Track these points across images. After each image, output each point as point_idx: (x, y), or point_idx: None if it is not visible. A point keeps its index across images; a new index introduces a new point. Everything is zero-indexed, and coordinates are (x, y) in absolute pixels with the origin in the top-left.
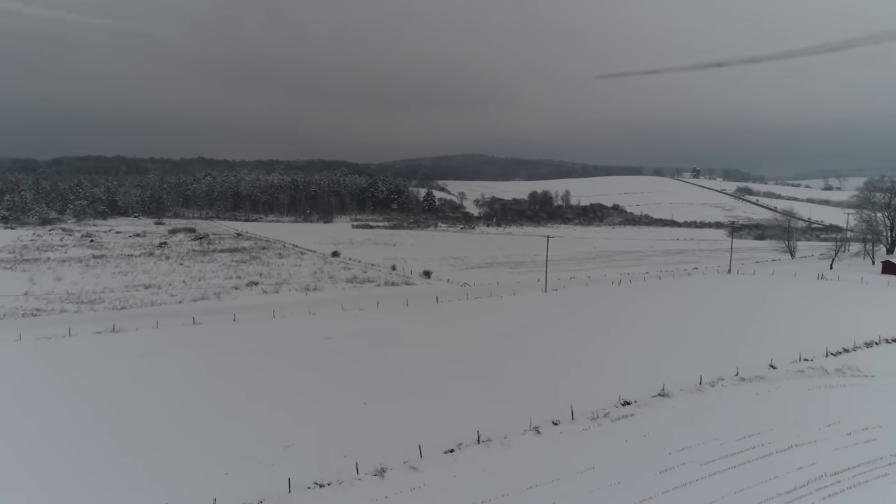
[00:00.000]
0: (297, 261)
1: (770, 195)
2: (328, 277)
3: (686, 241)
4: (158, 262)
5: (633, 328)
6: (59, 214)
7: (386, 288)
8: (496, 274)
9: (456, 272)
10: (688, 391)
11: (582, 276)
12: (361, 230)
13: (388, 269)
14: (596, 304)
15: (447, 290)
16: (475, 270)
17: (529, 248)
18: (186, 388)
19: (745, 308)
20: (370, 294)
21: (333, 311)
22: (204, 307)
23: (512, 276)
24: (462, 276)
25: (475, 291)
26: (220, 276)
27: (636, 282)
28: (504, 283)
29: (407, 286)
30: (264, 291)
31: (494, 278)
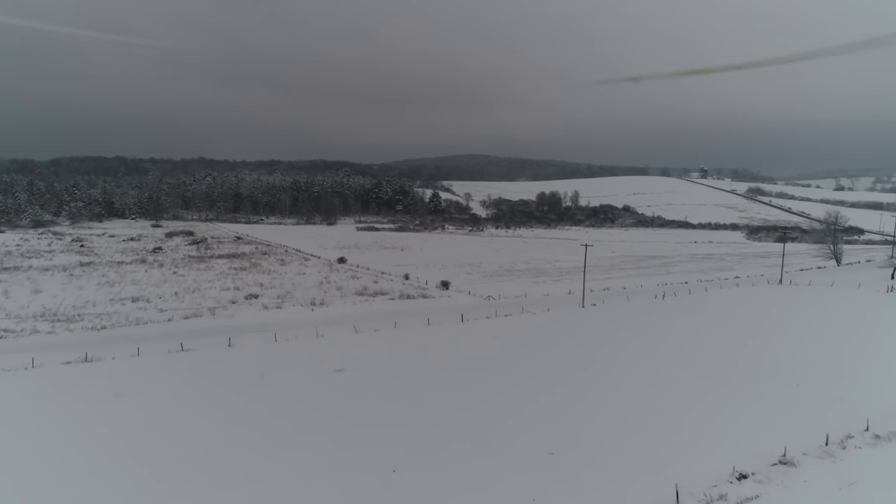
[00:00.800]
0: (301, 268)
1: (783, 196)
2: (336, 289)
3: (707, 245)
4: (151, 269)
5: (710, 360)
6: (54, 217)
7: (401, 302)
8: (519, 284)
9: (475, 282)
10: (814, 456)
11: (614, 287)
12: (366, 233)
13: (400, 279)
14: (649, 324)
15: (470, 304)
16: (495, 280)
17: (546, 252)
18: (159, 446)
19: (843, 331)
20: (384, 310)
21: (345, 332)
22: (196, 327)
23: (537, 287)
24: (482, 286)
25: (502, 306)
26: (217, 287)
27: (680, 294)
28: (532, 296)
29: (424, 300)
30: (265, 307)
31: (518, 289)
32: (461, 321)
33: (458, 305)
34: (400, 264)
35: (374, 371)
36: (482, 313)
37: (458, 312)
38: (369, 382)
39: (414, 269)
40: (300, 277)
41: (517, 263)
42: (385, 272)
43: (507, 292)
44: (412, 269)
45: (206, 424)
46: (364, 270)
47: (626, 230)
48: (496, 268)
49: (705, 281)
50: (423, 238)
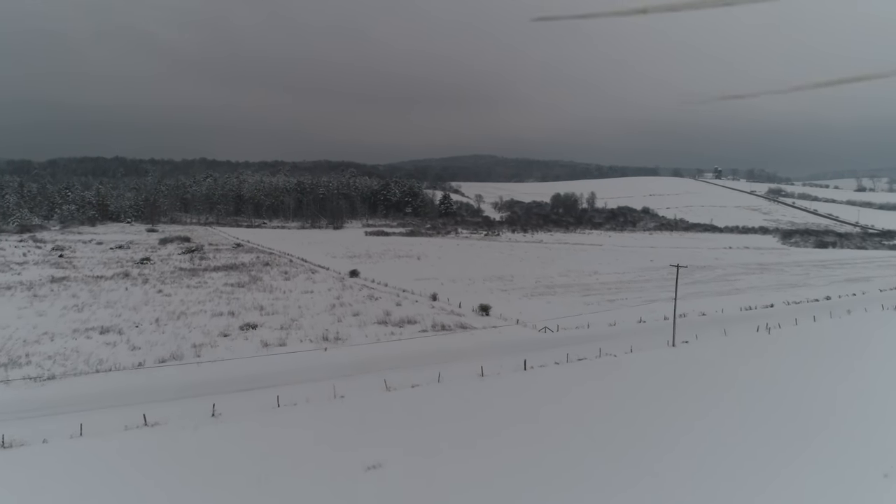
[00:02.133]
0: (308, 283)
1: (806, 197)
2: (352, 315)
3: (746, 251)
4: (133, 287)
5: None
6: (44, 220)
7: (436, 337)
8: (568, 305)
9: (513, 302)
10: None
11: (686, 309)
12: (376, 238)
13: (426, 300)
14: (783, 379)
15: (525, 340)
16: (537, 300)
17: (579, 262)
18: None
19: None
20: (418, 350)
21: (372, 389)
22: (172, 378)
23: (591, 310)
24: (526, 309)
25: (566, 342)
26: (208, 312)
27: (785, 324)
28: (595, 326)
29: (464, 332)
30: (265, 343)
31: (570, 312)
32: (523, 369)
33: (510, 342)
34: (421, 278)
35: (423, 471)
36: (545, 355)
37: (513, 353)
38: (419, 490)
39: (438, 285)
40: (308, 297)
41: (553, 277)
42: (406, 289)
43: (560, 318)
44: (436, 285)
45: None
46: (382, 287)
47: (651, 234)
48: (532, 283)
49: (792, 303)
50: (438, 244)
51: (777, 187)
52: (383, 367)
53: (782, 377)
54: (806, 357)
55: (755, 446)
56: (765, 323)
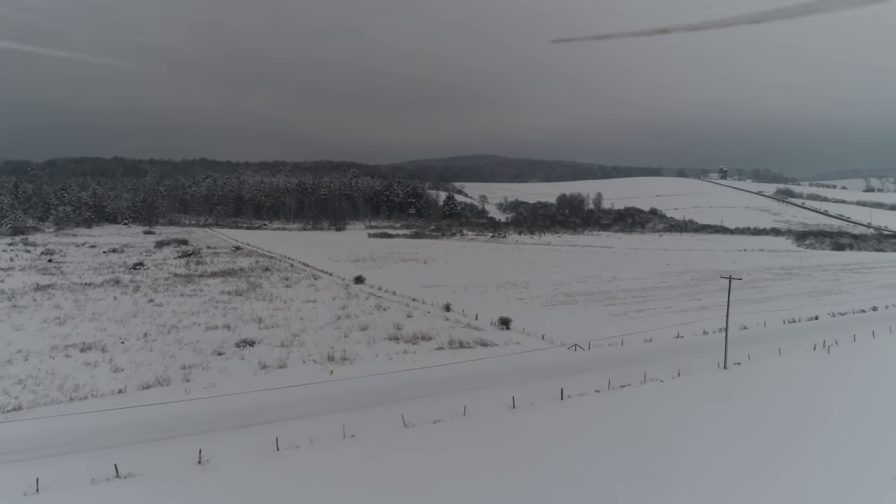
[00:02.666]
0: (311, 291)
1: (814, 198)
2: (359, 329)
3: (762, 254)
4: (122, 296)
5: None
6: (39, 222)
7: (455, 356)
8: (594, 317)
9: (532, 311)
10: None
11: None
12: (380, 240)
13: (439, 310)
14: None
15: (555, 360)
16: (558, 310)
17: (594, 266)
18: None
19: None
20: (436, 373)
21: (386, 426)
22: (156, 410)
23: (620, 323)
24: (549, 321)
25: (602, 362)
26: (202, 325)
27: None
28: (630, 342)
29: (485, 349)
30: (263, 365)
31: (597, 324)
32: (560, 398)
33: (539, 363)
34: (430, 284)
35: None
36: (582, 380)
37: (544, 377)
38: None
39: (450, 293)
40: (310, 307)
41: (570, 283)
42: (416, 298)
43: (587, 332)
44: (447, 293)
45: None
46: (389, 296)
47: (661, 236)
48: (549, 289)
49: (838, 315)
50: (444, 246)
51: (785, 188)
52: (398, 396)
53: (855, 408)
54: (881, 383)
55: (844, 495)
56: (821, 341)
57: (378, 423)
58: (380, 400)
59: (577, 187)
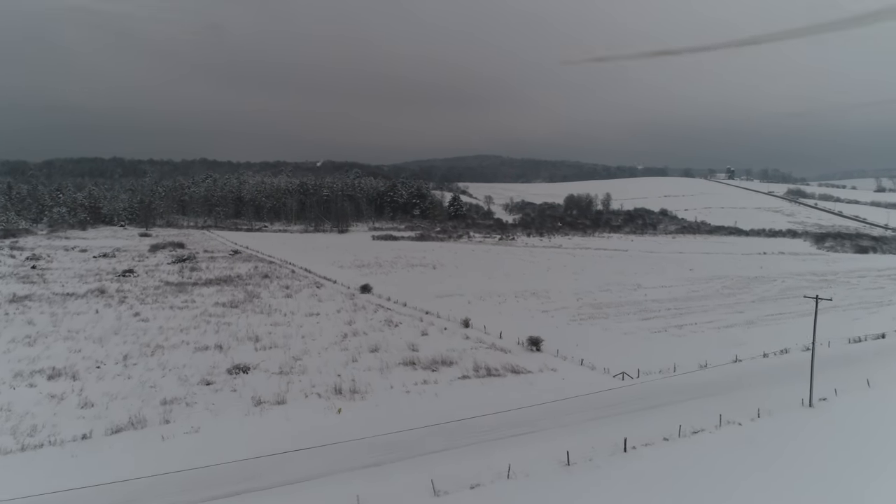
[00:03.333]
0: (313, 302)
1: (826, 198)
2: (369, 350)
3: (788, 258)
4: (106, 308)
5: None
6: (32, 224)
7: (481, 382)
8: (633, 335)
9: (565, 331)
10: None
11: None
12: (384, 243)
13: (457, 327)
14: None
15: (602, 392)
16: (593, 327)
17: (616, 273)
18: None
19: None
20: (465, 414)
21: (411, 495)
22: (121, 466)
23: (663, 341)
24: (584, 341)
25: (656, 395)
26: (191, 345)
27: None
28: (682, 365)
29: (517, 378)
30: (257, 401)
31: (638, 344)
32: (623, 450)
33: (586, 399)
34: (443, 294)
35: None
36: (643, 422)
37: (595, 416)
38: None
39: (465, 303)
40: (313, 322)
41: (593, 292)
42: (430, 311)
43: (628, 353)
44: (462, 304)
45: None
46: (400, 308)
47: (674, 238)
48: (572, 299)
49: None
50: (451, 249)
51: (796, 188)
52: (422, 446)
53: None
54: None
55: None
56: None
57: (399, 490)
58: (400, 452)
59: (583, 188)
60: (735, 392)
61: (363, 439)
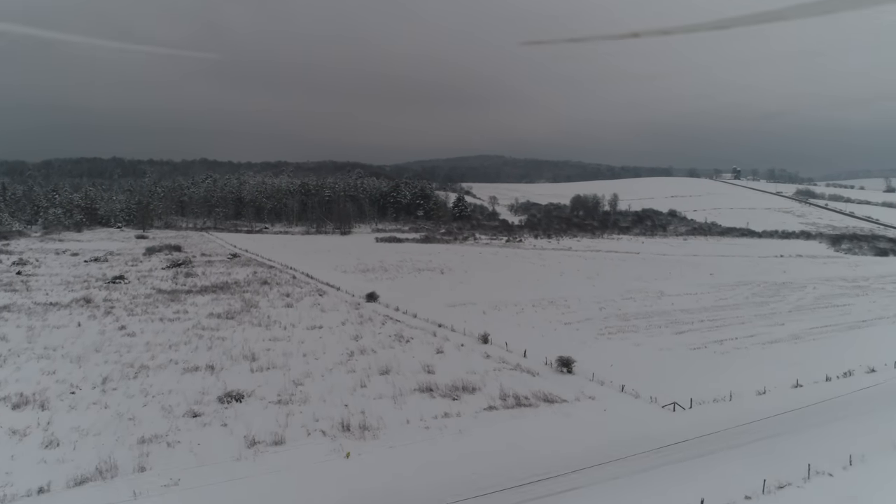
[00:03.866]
0: (316, 312)
1: (836, 198)
2: (379, 373)
3: (807, 262)
4: (90, 320)
5: None
6: (26, 226)
7: (511, 415)
8: (670, 352)
9: (594, 347)
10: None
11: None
12: (389, 245)
13: (475, 343)
14: None
15: (652, 426)
16: (624, 342)
17: (630, 276)
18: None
19: None
20: (496, 458)
21: None
22: None
23: (703, 359)
24: (618, 359)
25: (718, 433)
26: (179, 364)
27: None
28: (739, 392)
29: (550, 407)
30: (251, 441)
31: (681, 366)
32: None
33: (634, 435)
34: (455, 303)
35: None
36: (715, 472)
37: (655, 464)
38: None
39: (479, 313)
40: (315, 337)
41: (615, 299)
42: (442, 323)
43: (671, 375)
44: (477, 314)
45: None
46: (410, 319)
47: (685, 240)
48: (594, 309)
49: None
50: (458, 252)
51: (805, 188)
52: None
53: None
54: None
55: None
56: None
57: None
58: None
59: (588, 188)
60: (811, 429)
61: (376, 496)
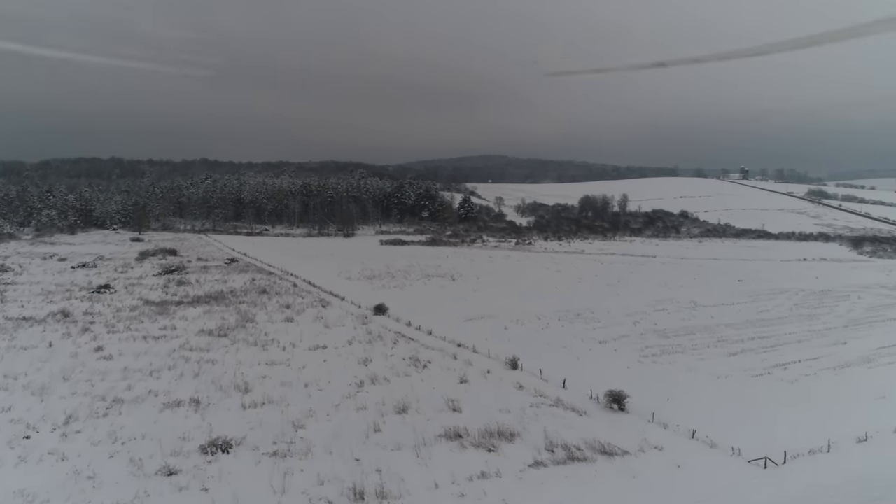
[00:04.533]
0: (319, 328)
1: (850, 199)
2: (395, 411)
3: (834, 266)
4: (63, 339)
5: None
6: (18, 228)
7: (560, 475)
8: (732, 382)
9: (643, 377)
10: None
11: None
12: (394, 248)
13: (504, 369)
14: None
15: (742, 493)
16: (670, 365)
17: (654, 283)
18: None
19: None
20: None
21: None
22: None
23: (770, 389)
24: (675, 392)
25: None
26: (160, 397)
27: None
28: (838, 441)
29: (609, 461)
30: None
31: (749, 401)
32: None
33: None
34: (472, 317)
35: None
36: None
37: None
38: None
39: (500, 329)
40: (318, 360)
41: (647, 311)
42: (463, 344)
43: (745, 417)
44: (498, 331)
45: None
46: (424, 337)
47: (700, 242)
48: (627, 323)
49: None
50: (467, 256)
51: (817, 188)
52: None
53: None
54: None
55: None
56: None
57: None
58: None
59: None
60: None
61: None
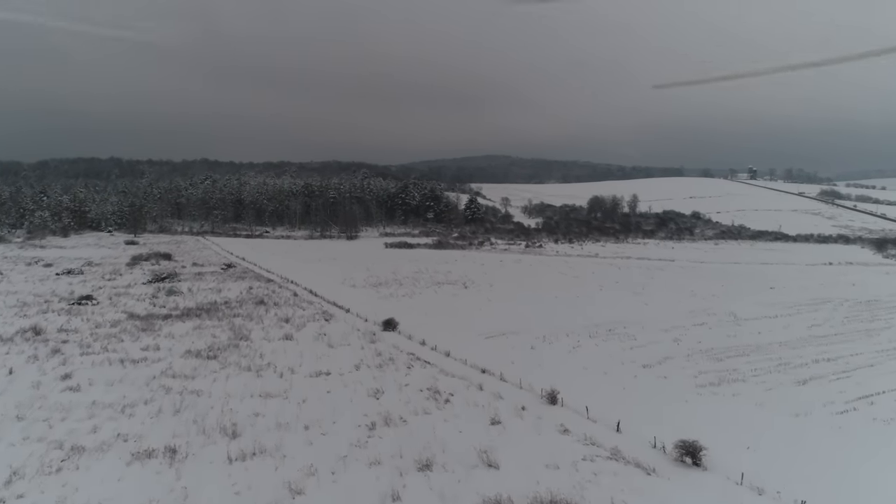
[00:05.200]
0: (321, 348)
1: (864, 199)
2: (415, 467)
3: (864, 270)
4: (28, 364)
5: None
6: (10, 230)
7: None
8: (809, 420)
9: (706, 415)
10: None
11: None
12: (399, 251)
13: (540, 402)
14: None
15: None
16: (732, 398)
17: (684, 292)
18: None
19: None
20: None
21: None
22: None
23: (861, 428)
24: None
25: None
26: (128, 446)
27: None
28: None
29: None
30: None
31: (842, 451)
32: None
33: None
34: (493, 332)
35: None
36: None
37: None
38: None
39: (527, 349)
40: (322, 390)
41: (687, 327)
42: (487, 369)
43: (843, 472)
44: (524, 351)
45: None
46: (442, 359)
47: (716, 245)
48: (667, 342)
49: None
50: (477, 260)
51: (830, 189)
52: None
53: None
54: None
55: None
56: None
57: None
58: None
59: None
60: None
61: None
